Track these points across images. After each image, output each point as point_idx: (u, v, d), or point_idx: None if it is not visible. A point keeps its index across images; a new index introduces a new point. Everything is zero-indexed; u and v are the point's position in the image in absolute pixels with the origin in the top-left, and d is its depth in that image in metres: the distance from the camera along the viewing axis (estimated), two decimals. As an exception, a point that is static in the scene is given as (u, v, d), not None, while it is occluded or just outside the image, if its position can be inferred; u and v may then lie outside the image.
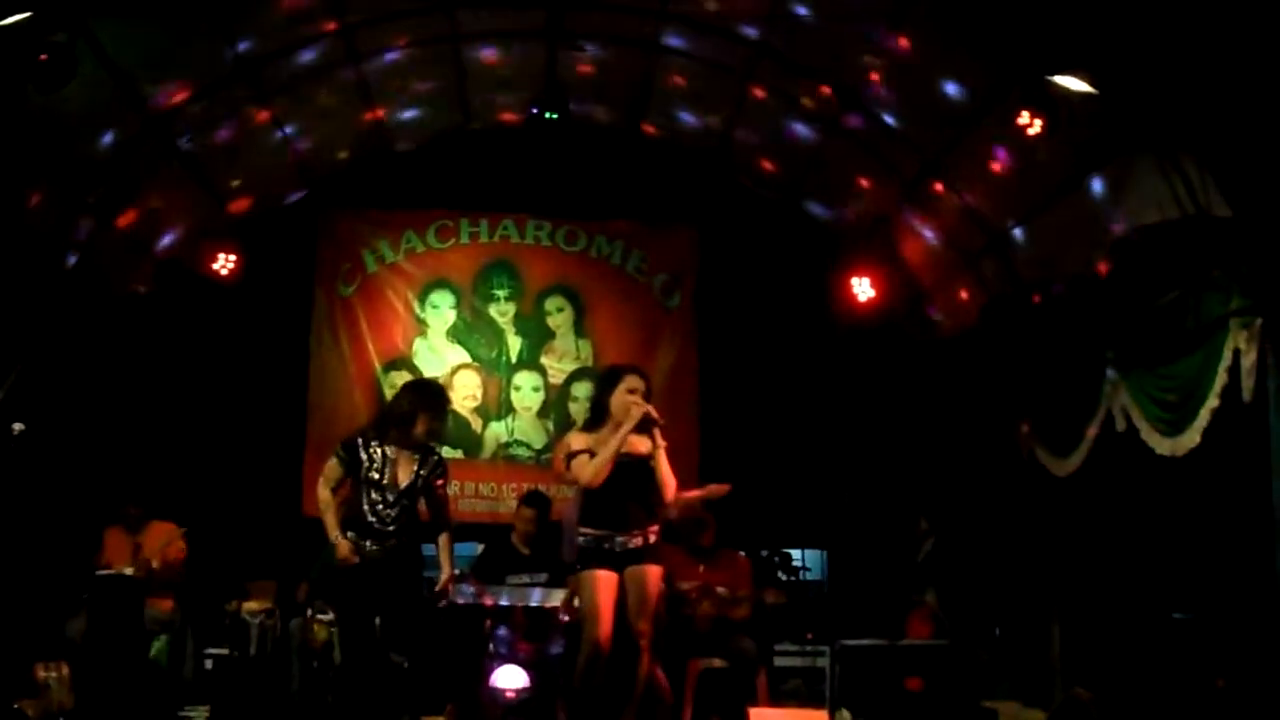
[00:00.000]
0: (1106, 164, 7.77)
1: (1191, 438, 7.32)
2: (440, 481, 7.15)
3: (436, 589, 7.07)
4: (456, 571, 7.62)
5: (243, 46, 9.08)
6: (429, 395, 7.29)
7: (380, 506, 6.93)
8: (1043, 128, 7.50)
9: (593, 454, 6.65)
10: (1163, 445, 7.65)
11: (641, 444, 6.73)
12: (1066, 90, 7.22)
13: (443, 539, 7.15)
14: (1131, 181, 7.64)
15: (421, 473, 7.02)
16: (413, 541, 7.10)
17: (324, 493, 7.06)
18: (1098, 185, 7.98)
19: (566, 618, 8.34)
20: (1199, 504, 8.04)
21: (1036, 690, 9.26)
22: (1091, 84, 7.08)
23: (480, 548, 9.96)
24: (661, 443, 6.71)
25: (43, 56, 7.06)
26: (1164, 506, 8.36)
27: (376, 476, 6.94)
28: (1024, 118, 7.52)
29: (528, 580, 8.89)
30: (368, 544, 6.94)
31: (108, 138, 8.89)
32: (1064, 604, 9.44)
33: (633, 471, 6.66)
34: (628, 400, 6.68)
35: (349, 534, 6.94)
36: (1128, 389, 8.05)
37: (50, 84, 7.18)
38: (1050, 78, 7.22)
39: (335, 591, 7.31)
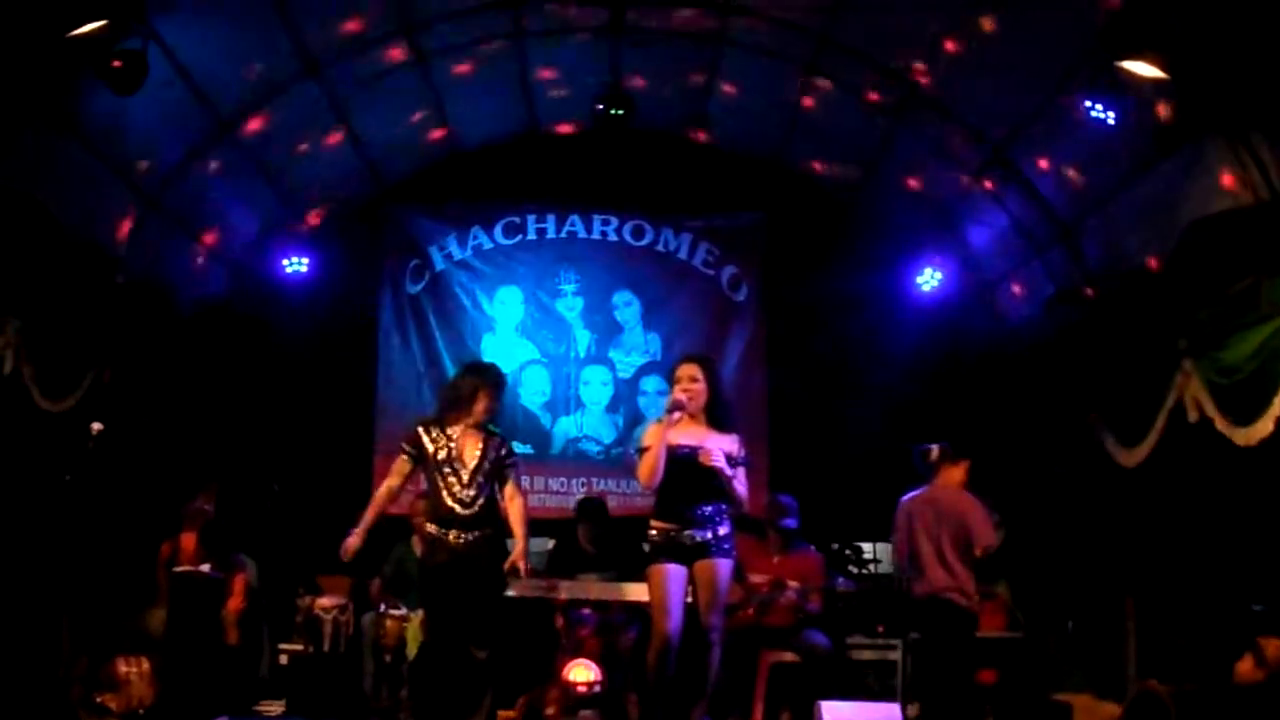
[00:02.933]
0: (1177, 150, 7.67)
1: (1265, 426, 7.21)
2: (511, 462, 7.22)
3: (507, 566, 7.09)
4: (530, 565, 7.68)
5: (309, 48, 9.18)
6: (489, 374, 7.35)
7: (457, 488, 7.00)
8: (1112, 114, 7.42)
9: None
10: (1236, 434, 7.55)
11: (718, 440, 6.66)
12: (1137, 75, 7.13)
13: (516, 516, 7.18)
14: (1203, 167, 7.54)
15: (489, 453, 7.08)
16: (497, 533, 7.15)
17: (383, 488, 7.22)
18: (1169, 171, 7.88)
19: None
20: (1276, 493, 7.92)
21: (1110, 683, 9.17)
22: (1162, 68, 6.99)
23: (551, 543, 10.01)
24: (731, 470, 6.58)
25: (117, 63, 7.20)
26: (1241, 496, 8.24)
27: (445, 456, 7.03)
28: (1093, 104, 7.44)
29: (595, 578, 8.91)
30: (452, 535, 7.00)
31: (178, 141, 9.02)
32: (1138, 596, 9.34)
33: (703, 467, 6.60)
34: (673, 390, 6.70)
35: (431, 526, 7.04)
36: (1199, 378, 7.94)
37: (124, 87, 7.31)
38: (1120, 63, 7.13)
39: (421, 584, 7.38)
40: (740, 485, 6.62)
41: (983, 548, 7.77)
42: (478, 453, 7.07)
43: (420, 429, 7.20)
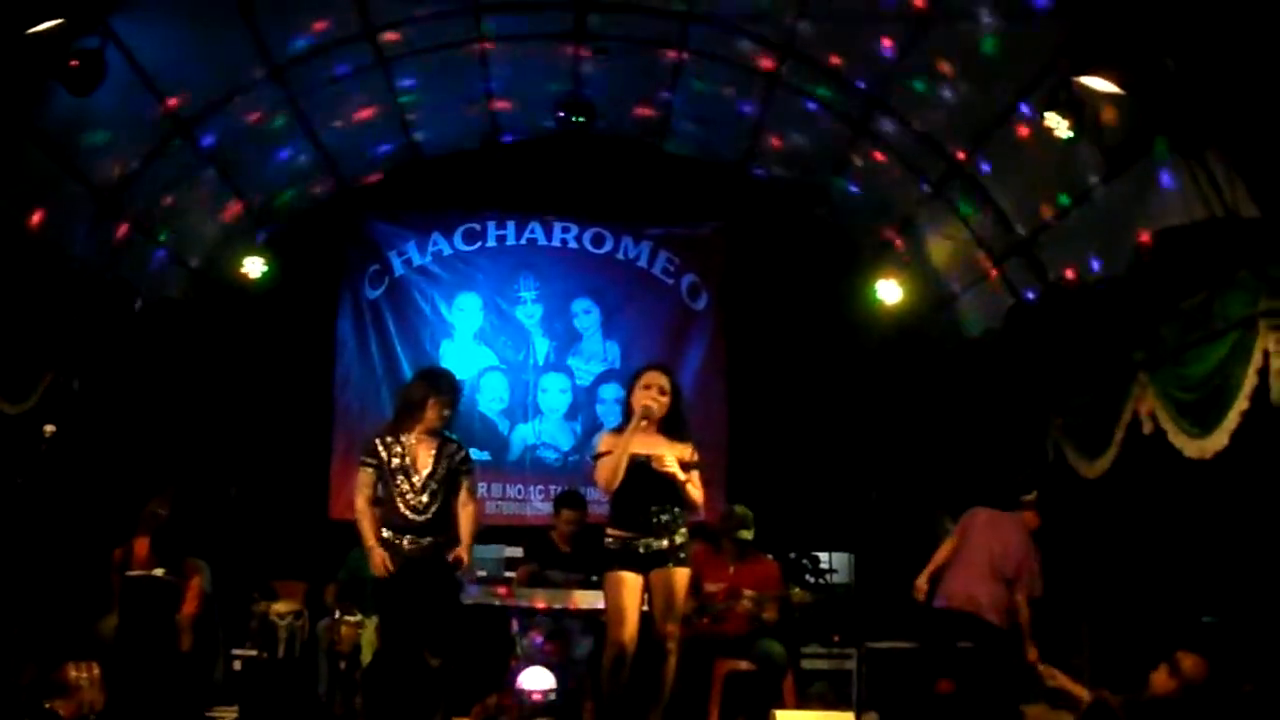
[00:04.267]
0: (1133, 164, 7.74)
1: (1220, 439, 7.27)
2: (466, 469, 7.24)
3: (451, 557, 7.09)
4: (482, 573, 7.69)
5: (271, 50, 9.14)
6: (440, 382, 7.35)
7: (410, 495, 7.02)
8: (1069, 129, 7.48)
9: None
10: (1190, 447, 7.61)
11: (671, 448, 6.68)
12: (1093, 91, 7.19)
13: (465, 521, 7.20)
14: (1157, 182, 7.60)
15: (443, 460, 7.09)
16: (451, 540, 7.16)
17: (360, 502, 7.19)
18: (1124, 186, 7.95)
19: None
20: (1228, 506, 7.99)
21: (1063, 693, 9.21)
22: (1118, 84, 7.05)
23: (506, 550, 9.98)
24: (686, 471, 6.63)
25: (74, 63, 7.15)
26: (1193, 508, 8.31)
27: (398, 463, 7.07)
28: (1050, 119, 7.50)
29: (563, 578, 8.88)
30: (406, 541, 7.02)
31: (137, 143, 8.96)
32: (1092, 606, 9.39)
33: (658, 475, 6.63)
34: (641, 396, 6.69)
35: (386, 532, 7.02)
36: (1155, 391, 8.01)
37: (81, 88, 7.26)
38: (1077, 78, 7.19)
39: (375, 590, 7.38)
40: (695, 488, 6.65)
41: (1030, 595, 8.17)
42: (431, 459, 7.10)
43: (376, 439, 7.24)
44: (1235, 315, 7.12)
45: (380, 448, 7.15)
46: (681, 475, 6.59)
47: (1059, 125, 7.47)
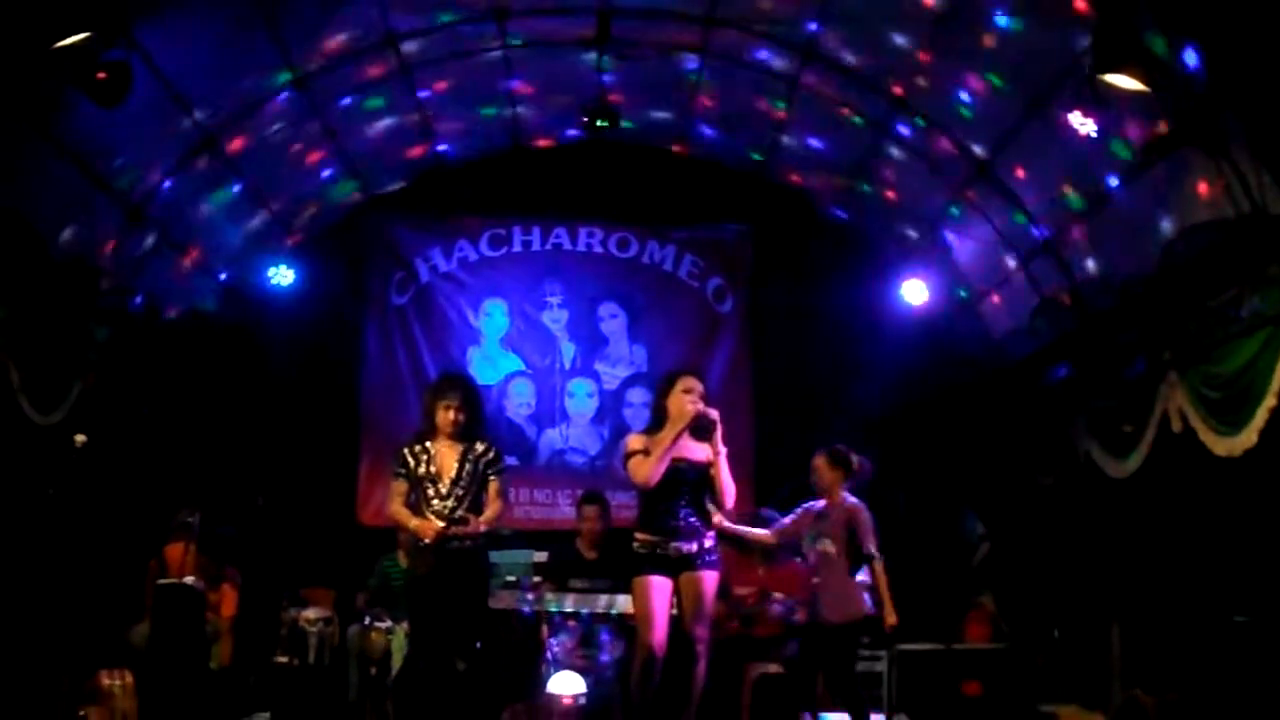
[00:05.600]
0: (1159, 161, 7.70)
1: (1249, 437, 7.23)
2: (498, 469, 7.28)
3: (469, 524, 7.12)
4: (511, 578, 7.70)
5: (295, 60, 9.18)
6: (442, 385, 7.43)
7: (436, 501, 7.06)
8: (1095, 126, 7.45)
9: (649, 454, 6.67)
10: (1219, 445, 7.57)
11: (699, 451, 6.73)
12: (1118, 88, 7.16)
13: (488, 513, 7.21)
14: (1185, 179, 7.57)
15: (466, 464, 7.11)
16: (479, 547, 7.19)
17: (395, 507, 7.24)
18: (1151, 183, 7.91)
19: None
20: (1260, 504, 7.94)
21: (1095, 693, 9.19)
22: (1143, 81, 7.02)
23: (535, 555, 9.99)
24: (721, 449, 6.70)
25: (101, 75, 7.19)
26: (1224, 507, 8.26)
27: (423, 471, 7.14)
28: (1075, 117, 7.47)
29: (588, 585, 8.87)
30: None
31: (163, 154, 9.00)
32: (1123, 606, 9.35)
33: (689, 478, 6.67)
34: (683, 400, 6.70)
35: (420, 542, 7.07)
36: (1184, 389, 7.97)
37: (109, 100, 7.31)
38: (1101, 75, 7.16)
39: (406, 597, 7.40)
40: (730, 482, 6.67)
41: None
42: (455, 464, 7.13)
43: (405, 449, 7.30)
44: (1265, 311, 7.08)
45: (409, 456, 7.20)
46: (726, 476, 6.66)
47: (1084, 124, 7.44)
